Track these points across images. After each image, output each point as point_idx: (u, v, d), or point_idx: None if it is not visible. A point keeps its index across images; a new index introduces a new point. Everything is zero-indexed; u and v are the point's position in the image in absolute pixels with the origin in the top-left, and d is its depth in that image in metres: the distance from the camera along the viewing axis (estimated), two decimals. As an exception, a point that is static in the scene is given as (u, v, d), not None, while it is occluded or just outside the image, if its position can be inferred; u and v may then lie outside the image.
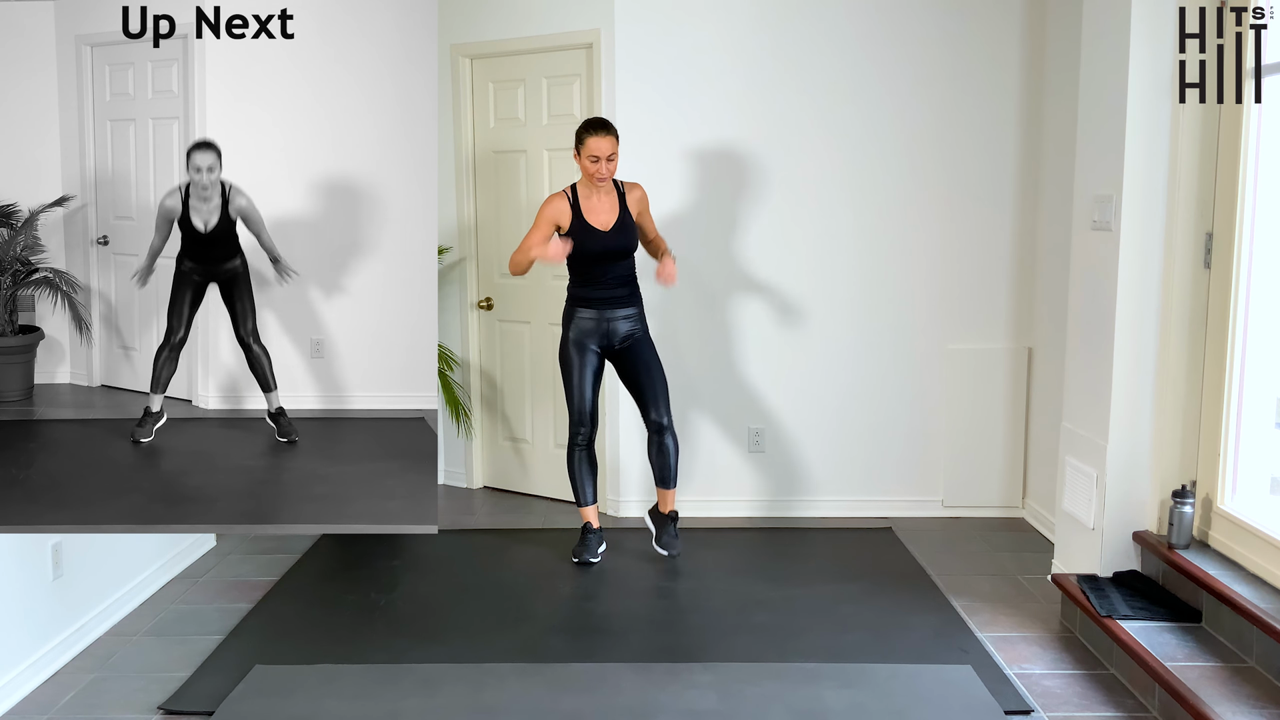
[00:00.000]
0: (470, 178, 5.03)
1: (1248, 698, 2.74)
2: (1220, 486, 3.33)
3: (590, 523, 4.23)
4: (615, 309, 4.06)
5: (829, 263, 4.65)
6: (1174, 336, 3.41)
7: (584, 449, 4.19)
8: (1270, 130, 3.16)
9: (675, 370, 4.63)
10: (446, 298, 5.13)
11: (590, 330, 4.07)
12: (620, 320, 4.07)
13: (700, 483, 4.79)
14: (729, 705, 2.99)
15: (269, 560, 4.21)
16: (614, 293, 4.05)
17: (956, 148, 4.58)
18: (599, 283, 4.03)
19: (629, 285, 4.09)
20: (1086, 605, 3.32)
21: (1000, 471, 4.75)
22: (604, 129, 3.89)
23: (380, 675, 3.18)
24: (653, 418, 4.12)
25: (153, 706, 3.03)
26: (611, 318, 4.06)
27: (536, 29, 4.72)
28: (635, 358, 4.09)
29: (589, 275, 4.03)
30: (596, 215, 3.99)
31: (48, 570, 3.26)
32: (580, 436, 4.16)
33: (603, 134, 3.87)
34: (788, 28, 4.53)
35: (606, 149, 3.88)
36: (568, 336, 4.11)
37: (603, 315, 4.05)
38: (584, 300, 4.06)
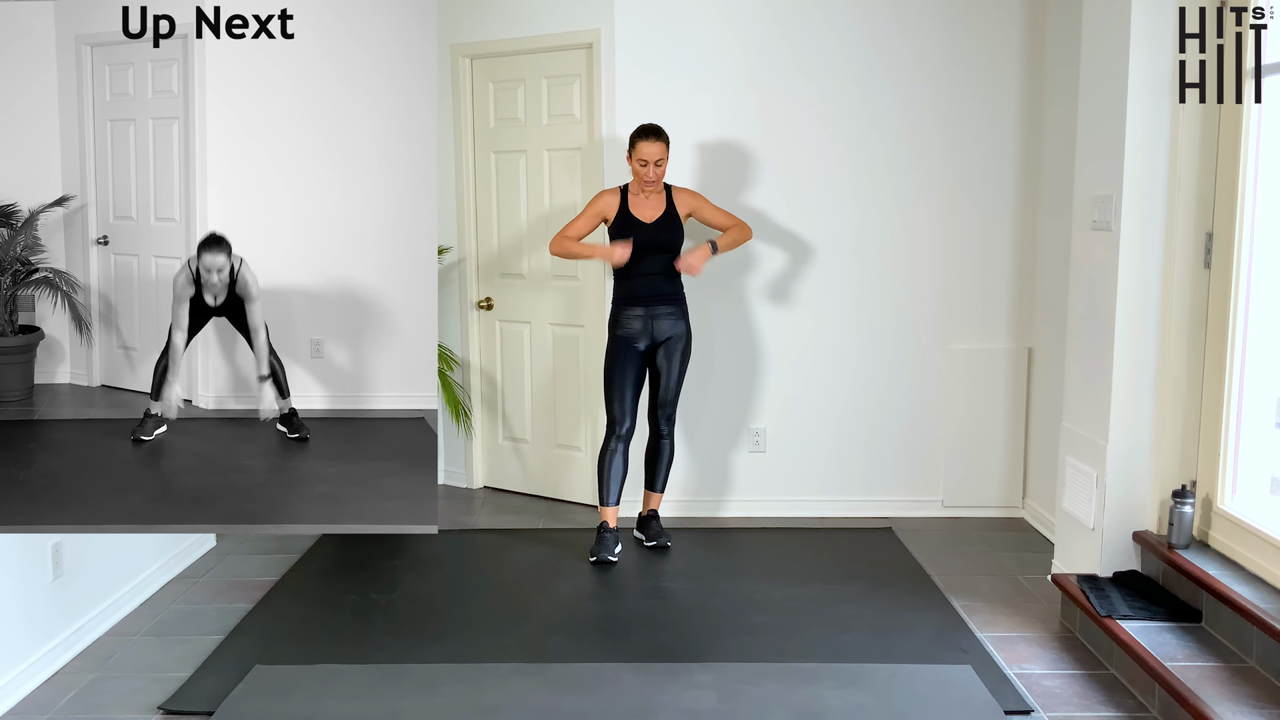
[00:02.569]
0: (470, 178, 5.02)
1: (1248, 698, 2.74)
2: (1220, 486, 3.33)
3: (607, 522, 4.25)
4: (660, 305, 4.17)
5: (829, 263, 4.65)
6: (1174, 336, 3.41)
7: (619, 449, 4.23)
8: (1270, 130, 3.15)
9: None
10: (446, 298, 5.12)
11: (638, 330, 4.17)
12: (665, 317, 4.18)
13: (700, 483, 4.79)
14: (729, 705, 2.98)
15: (269, 560, 4.21)
16: (658, 290, 4.16)
17: (956, 148, 4.58)
18: (644, 279, 4.13)
19: (673, 284, 4.19)
20: (1086, 605, 3.32)
21: (1000, 471, 4.75)
22: (654, 135, 4.06)
23: (380, 675, 3.18)
24: (659, 421, 4.27)
25: (153, 706, 3.03)
26: (656, 314, 4.17)
27: (536, 29, 4.72)
28: (668, 359, 4.22)
29: (635, 271, 4.13)
30: (642, 210, 4.13)
31: (48, 570, 3.26)
32: (615, 439, 4.21)
33: (653, 139, 4.05)
34: (788, 29, 4.53)
35: (655, 154, 4.04)
36: (615, 335, 4.21)
37: (649, 312, 4.16)
38: (630, 298, 4.16)
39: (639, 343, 4.18)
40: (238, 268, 3.95)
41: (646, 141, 4.04)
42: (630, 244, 4.07)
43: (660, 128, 4.09)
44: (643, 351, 4.20)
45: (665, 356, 4.21)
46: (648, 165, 4.05)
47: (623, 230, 4.12)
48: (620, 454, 4.22)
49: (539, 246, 4.88)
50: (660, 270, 4.14)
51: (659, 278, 4.15)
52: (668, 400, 4.25)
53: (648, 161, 4.04)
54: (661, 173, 4.09)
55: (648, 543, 4.31)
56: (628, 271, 4.15)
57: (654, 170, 4.06)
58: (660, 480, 4.35)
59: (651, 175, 4.06)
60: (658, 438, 4.31)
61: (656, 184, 4.11)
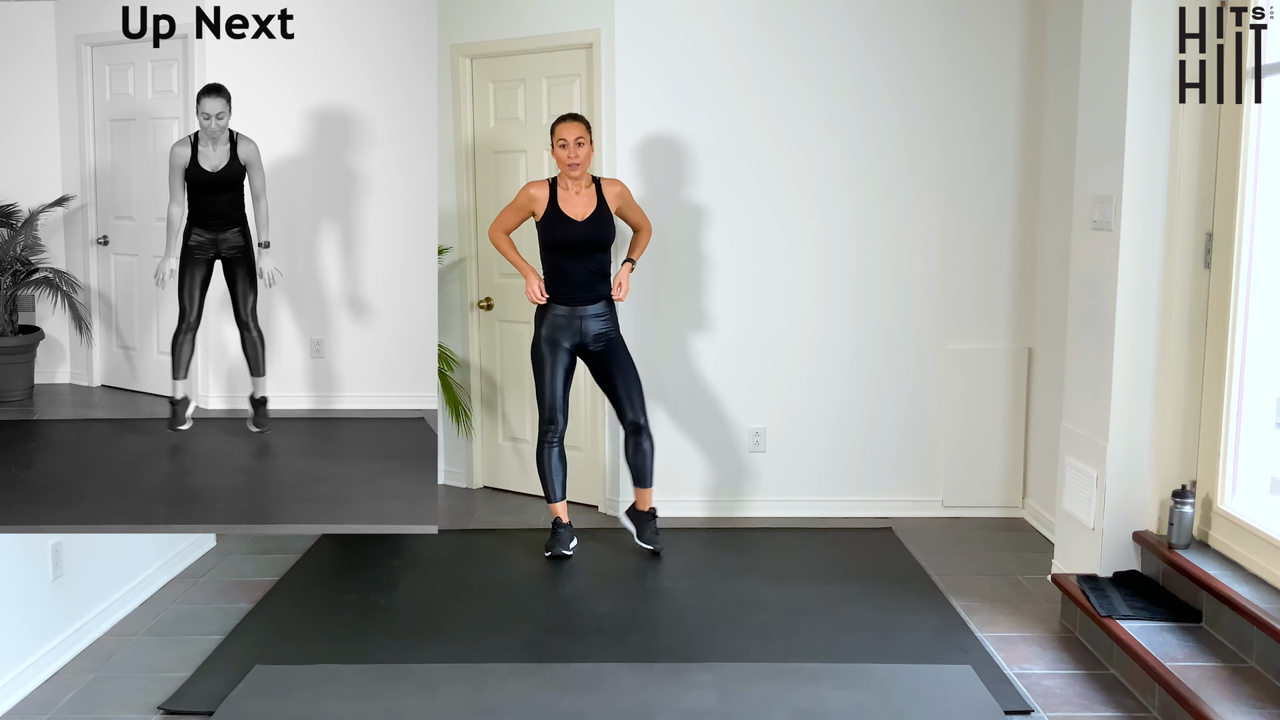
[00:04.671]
0: (470, 178, 5.02)
1: (1248, 698, 2.74)
2: (1220, 486, 3.33)
3: (560, 518, 4.26)
4: (587, 306, 4.08)
5: (829, 263, 4.65)
6: (1174, 336, 3.41)
7: (554, 446, 4.21)
8: (1270, 130, 3.15)
9: (675, 370, 4.64)
10: (446, 298, 5.12)
11: (563, 327, 4.09)
12: (593, 319, 4.09)
13: (700, 483, 4.79)
14: (729, 705, 2.98)
15: (269, 560, 4.21)
16: (587, 289, 4.08)
17: (957, 148, 4.58)
18: (572, 277, 4.06)
19: (603, 283, 4.12)
20: (1086, 605, 3.32)
21: (1000, 471, 4.75)
22: (570, 117, 4.01)
23: (380, 675, 3.18)
24: (629, 418, 4.18)
25: (153, 706, 3.03)
26: (584, 315, 4.08)
27: (536, 29, 4.72)
28: (610, 359, 4.14)
29: (561, 269, 4.07)
30: (572, 207, 4.05)
31: (48, 570, 3.26)
32: (551, 434, 4.19)
33: (569, 120, 3.99)
34: (788, 29, 4.53)
35: (572, 133, 3.96)
36: (540, 333, 4.14)
37: (575, 312, 4.08)
38: (556, 296, 4.09)
39: (565, 341, 4.09)
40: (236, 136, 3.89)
41: (562, 123, 3.98)
42: (543, 292, 4.06)
43: (578, 113, 4.08)
44: (569, 349, 4.12)
45: (606, 358, 4.12)
46: (568, 145, 3.95)
47: (551, 227, 4.03)
48: (556, 451, 4.20)
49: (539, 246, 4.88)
50: (591, 270, 4.06)
51: (588, 276, 4.06)
52: (632, 396, 4.15)
53: (567, 141, 3.95)
54: (584, 155, 3.98)
55: (640, 541, 4.23)
56: (557, 268, 4.07)
57: (574, 150, 3.95)
58: (648, 476, 4.24)
59: (571, 156, 3.96)
60: (635, 435, 4.19)
61: (581, 169, 4.00)
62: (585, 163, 4.01)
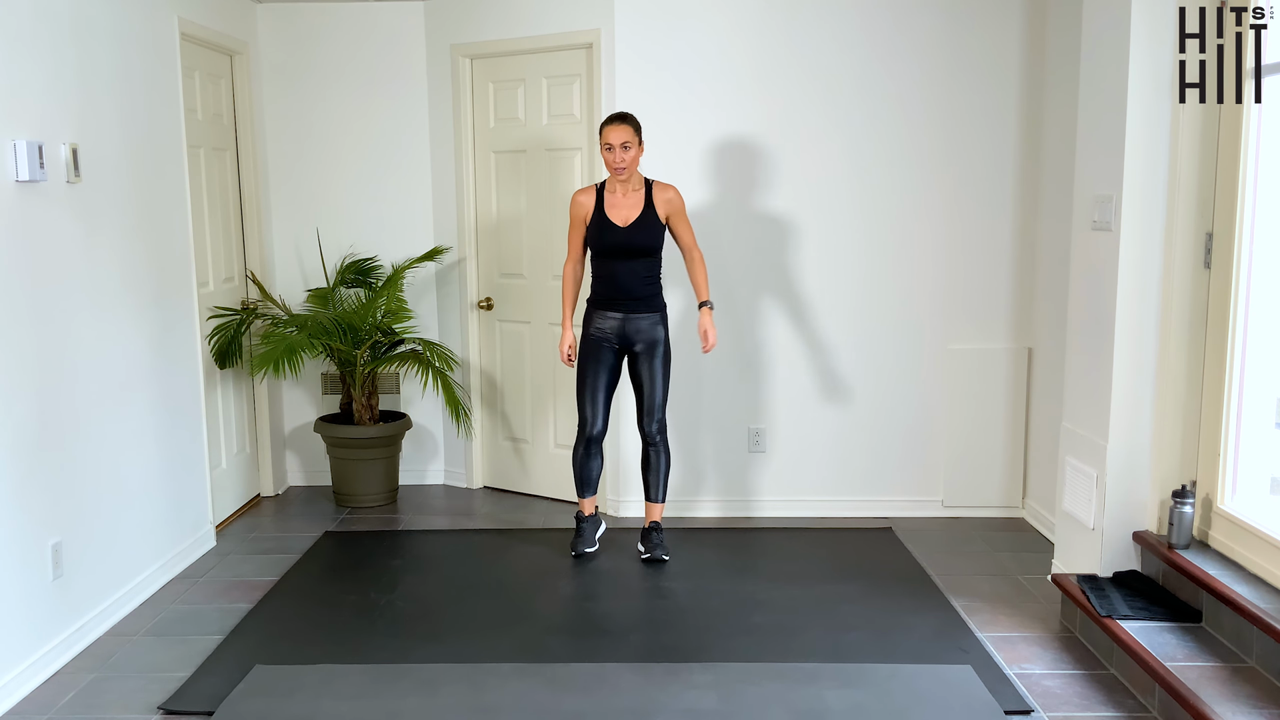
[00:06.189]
0: (470, 178, 5.02)
1: (1248, 698, 2.74)
2: (1220, 486, 3.33)
3: (583, 510, 4.25)
4: (633, 309, 4.04)
5: (830, 263, 4.65)
6: (1174, 336, 3.41)
7: (593, 453, 4.19)
8: (1270, 130, 3.15)
9: (676, 370, 4.63)
10: (446, 298, 5.12)
11: (609, 331, 4.06)
12: (638, 321, 4.05)
13: (700, 483, 4.79)
14: (729, 705, 2.98)
15: (269, 560, 4.21)
16: (632, 295, 4.03)
17: (957, 148, 4.58)
18: (617, 283, 4.02)
19: (650, 288, 4.07)
20: (1086, 605, 3.32)
21: (1000, 471, 4.75)
22: (620, 119, 3.94)
23: (380, 675, 3.17)
24: (644, 427, 4.16)
25: (153, 706, 3.03)
26: (630, 319, 4.05)
27: (536, 29, 4.72)
28: (648, 365, 4.09)
29: (608, 272, 4.03)
30: (618, 211, 4.01)
31: (48, 570, 3.26)
32: (587, 440, 4.16)
33: (618, 124, 3.93)
34: (788, 29, 4.53)
35: (620, 137, 3.90)
36: (587, 334, 4.10)
37: (623, 316, 4.05)
38: (603, 300, 4.06)
39: (611, 343, 4.07)
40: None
41: (610, 125, 3.93)
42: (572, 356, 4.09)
43: (628, 113, 3.99)
44: (615, 351, 4.09)
45: (644, 364, 4.09)
46: (614, 150, 3.91)
47: (596, 233, 3.99)
48: (594, 455, 4.18)
49: (539, 246, 4.88)
50: (637, 275, 4.01)
51: (634, 281, 4.02)
52: (654, 408, 4.11)
53: (613, 145, 3.90)
54: (631, 158, 3.94)
55: (644, 554, 4.18)
56: (603, 273, 4.04)
57: (620, 154, 3.91)
58: (659, 490, 4.21)
59: (618, 160, 3.92)
60: (648, 446, 4.18)
61: (628, 172, 3.96)
62: (632, 166, 3.96)
